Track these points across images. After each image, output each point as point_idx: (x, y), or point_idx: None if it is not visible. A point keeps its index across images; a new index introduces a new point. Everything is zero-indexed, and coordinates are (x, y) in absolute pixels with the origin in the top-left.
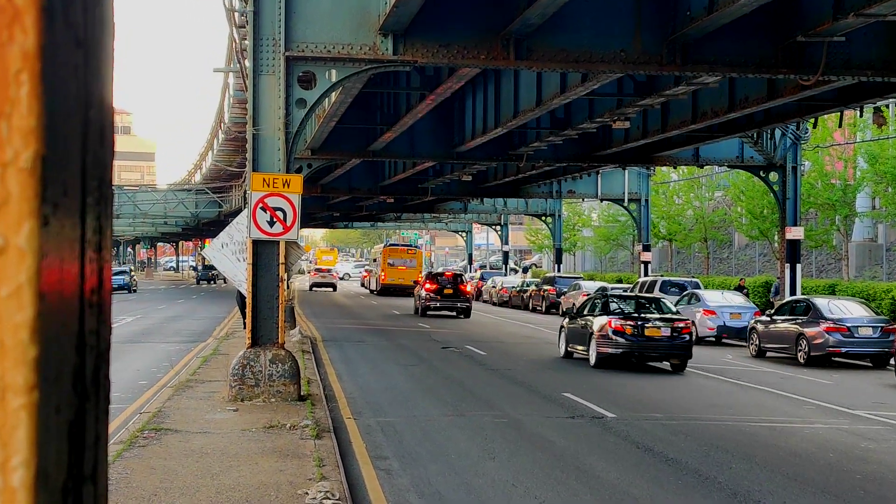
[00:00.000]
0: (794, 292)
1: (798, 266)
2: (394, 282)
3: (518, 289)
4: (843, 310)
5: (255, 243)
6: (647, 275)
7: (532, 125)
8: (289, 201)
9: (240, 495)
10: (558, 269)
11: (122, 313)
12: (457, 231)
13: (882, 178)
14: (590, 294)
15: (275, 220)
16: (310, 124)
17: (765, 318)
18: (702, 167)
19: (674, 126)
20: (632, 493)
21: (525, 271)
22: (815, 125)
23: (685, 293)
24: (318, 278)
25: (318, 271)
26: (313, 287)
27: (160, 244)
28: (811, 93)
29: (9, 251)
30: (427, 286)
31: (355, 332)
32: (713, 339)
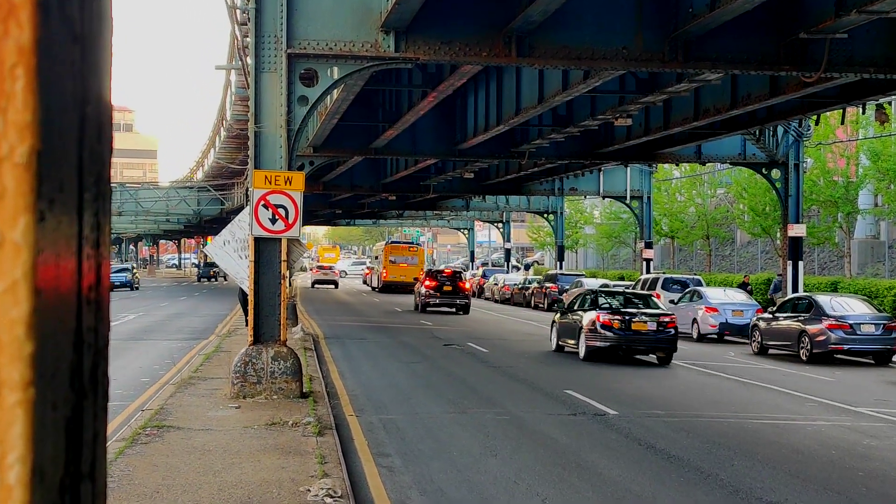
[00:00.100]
0: (796, 289)
1: (800, 263)
2: (395, 279)
3: (520, 286)
4: (846, 307)
5: (257, 241)
6: (649, 272)
7: (534, 122)
8: (291, 199)
9: (242, 492)
10: (560, 267)
11: (125, 310)
12: (459, 228)
13: (884, 175)
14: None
15: (277, 217)
16: (312, 122)
17: (767, 316)
18: (704, 164)
19: (676, 123)
20: (634, 489)
21: (527, 269)
22: (817, 122)
23: (687, 290)
24: (319, 275)
25: (320, 268)
26: (315, 284)
27: (162, 242)
28: (813, 90)
29: (4, 246)
30: (427, 283)
31: (357, 329)
32: (715, 336)
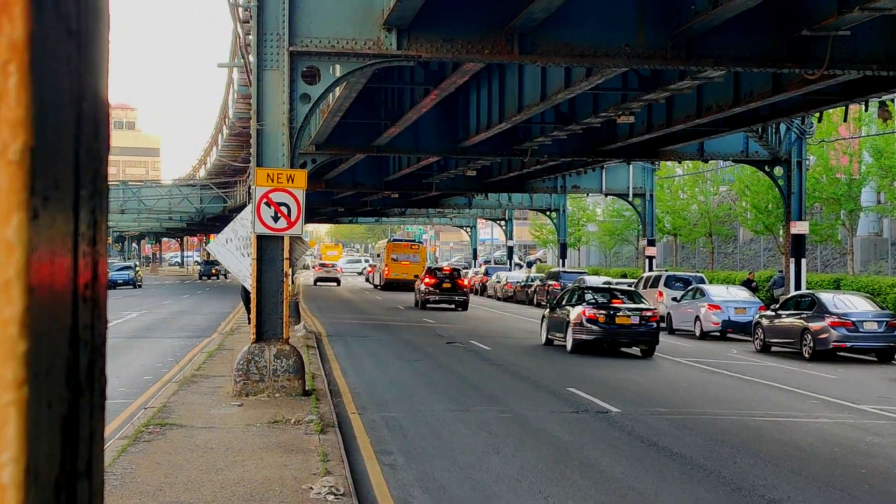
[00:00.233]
0: (799, 287)
1: (803, 261)
2: (397, 277)
3: (523, 284)
4: (848, 304)
5: (260, 238)
6: (651, 269)
7: (536, 120)
8: (293, 196)
9: (244, 490)
10: (563, 264)
11: (128, 308)
12: (461, 226)
13: (887, 172)
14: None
15: (279, 215)
16: (314, 119)
17: (769, 313)
18: (706, 162)
19: (678, 121)
20: (636, 487)
21: (529, 266)
22: (819, 119)
23: (690, 288)
24: (322, 273)
25: (322, 266)
26: (317, 282)
27: (165, 239)
28: (816, 87)
29: None
30: (426, 280)
31: (360, 327)
32: (718, 333)
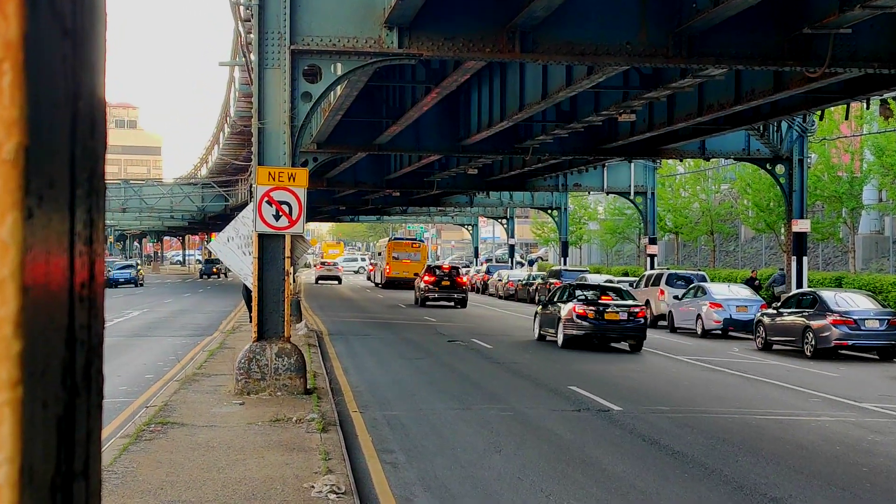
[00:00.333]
0: (800, 285)
1: (804, 259)
2: (398, 275)
3: (524, 282)
4: (850, 302)
5: (261, 237)
6: (653, 268)
7: (538, 118)
8: (294, 195)
9: (246, 489)
10: (564, 263)
11: (129, 307)
12: (463, 225)
13: (889, 170)
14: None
15: (280, 213)
16: (315, 118)
17: (771, 311)
18: (708, 160)
19: (680, 119)
20: (638, 485)
21: (531, 265)
22: (821, 117)
23: (691, 286)
24: (323, 271)
25: (324, 264)
26: (319, 280)
27: (167, 238)
28: (817, 85)
29: None
30: (426, 278)
31: (361, 325)
32: (719, 331)
